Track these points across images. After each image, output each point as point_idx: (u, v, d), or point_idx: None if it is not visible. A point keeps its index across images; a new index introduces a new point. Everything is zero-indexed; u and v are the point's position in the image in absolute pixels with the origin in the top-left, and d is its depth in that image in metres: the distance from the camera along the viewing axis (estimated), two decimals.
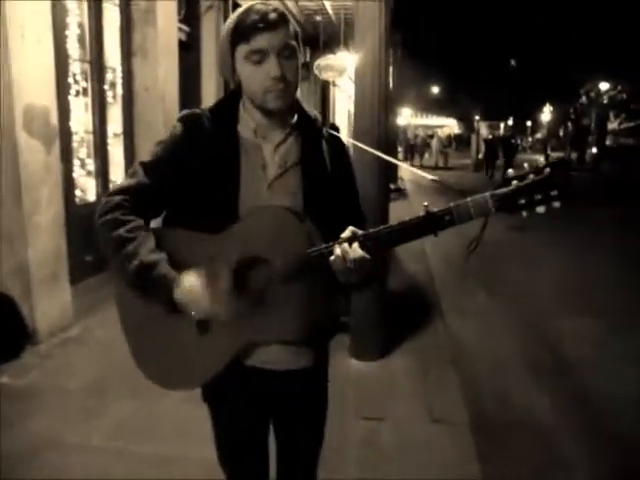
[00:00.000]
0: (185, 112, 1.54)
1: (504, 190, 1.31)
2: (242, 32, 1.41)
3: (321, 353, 1.64)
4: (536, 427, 3.42)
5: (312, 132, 1.59)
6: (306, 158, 1.54)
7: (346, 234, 1.38)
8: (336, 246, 1.37)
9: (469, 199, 1.32)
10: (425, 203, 1.36)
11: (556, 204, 1.30)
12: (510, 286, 6.60)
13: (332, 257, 1.37)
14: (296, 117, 1.56)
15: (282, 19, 1.42)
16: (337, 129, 9.56)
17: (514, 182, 1.30)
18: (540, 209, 1.30)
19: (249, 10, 1.42)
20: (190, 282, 1.37)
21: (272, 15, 1.40)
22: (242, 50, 1.42)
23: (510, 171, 1.34)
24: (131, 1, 6.01)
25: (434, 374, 3.96)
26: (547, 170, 1.29)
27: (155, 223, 1.54)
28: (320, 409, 1.71)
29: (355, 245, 1.35)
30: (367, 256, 1.35)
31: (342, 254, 1.35)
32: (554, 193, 1.29)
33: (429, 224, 1.35)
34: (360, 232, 1.38)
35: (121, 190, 1.46)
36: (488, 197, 1.31)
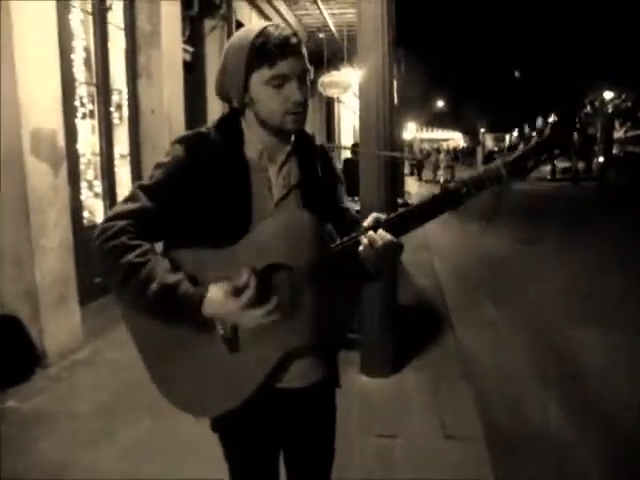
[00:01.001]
0: (186, 133, 1.51)
1: (513, 155, 1.37)
2: (264, 56, 1.40)
3: (332, 365, 1.62)
4: (552, 440, 3.37)
5: (309, 150, 1.59)
6: (305, 179, 1.55)
7: (369, 221, 1.39)
8: (361, 236, 1.38)
9: (482, 169, 1.38)
10: (441, 179, 1.37)
11: (566, 164, 1.38)
12: (520, 298, 6.55)
13: (361, 247, 1.37)
14: (294, 137, 1.56)
15: (300, 43, 1.44)
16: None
17: (520, 147, 1.40)
18: (545, 169, 1.38)
19: (267, 34, 1.41)
20: (218, 292, 1.33)
21: (293, 40, 1.41)
22: (263, 74, 1.41)
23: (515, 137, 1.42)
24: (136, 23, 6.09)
25: (446, 389, 3.91)
26: (547, 131, 1.36)
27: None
28: (330, 425, 1.69)
29: (381, 231, 1.36)
30: (394, 239, 1.37)
31: (370, 242, 1.36)
32: (557, 152, 1.37)
33: (448, 199, 1.37)
34: (382, 217, 1.39)
35: (123, 214, 1.39)
36: (500, 164, 1.35)
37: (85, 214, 5.41)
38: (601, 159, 30.24)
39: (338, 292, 1.44)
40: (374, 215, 1.40)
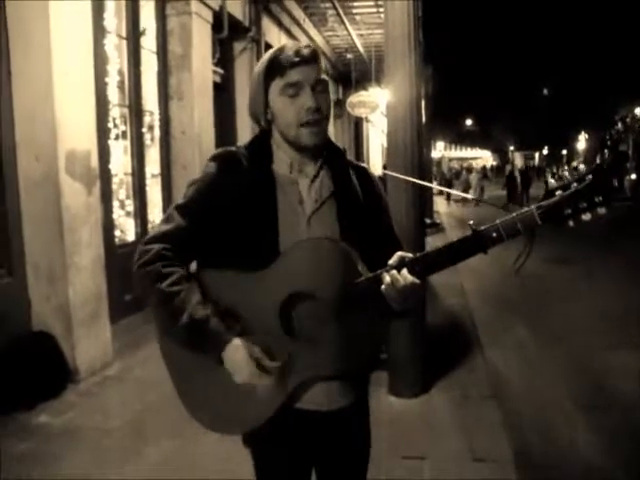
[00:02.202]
0: (218, 151, 1.55)
1: (549, 201, 1.31)
2: (277, 67, 1.45)
3: (362, 389, 1.61)
4: (583, 465, 3.29)
5: (341, 164, 1.60)
6: (339, 190, 1.55)
7: (394, 260, 1.39)
8: (385, 274, 1.38)
9: (514, 214, 1.33)
10: (471, 221, 1.35)
11: (601, 210, 1.30)
12: (551, 319, 6.44)
13: (383, 286, 1.37)
14: (325, 151, 1.57)
15: (314, 54, 1.48)
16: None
17: (558, 192, 1.32)
18: (586, 217, 1.30)
19: (283, 48, 1.48)
20: (238, 356, 1.38)
21: (305, 50, 1.46)
22: (277, 84, 1.46)
23: (552, 181, 1.37)
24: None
25: (475, 410, 3.86)
26: (589, 177, 1.30)
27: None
28: (364, 448, 1.68)
29: (404, 271, 1.36)
30: (417, 281, 1.36)
31: (392, 281, 1.36)
32: (598, 199, 1.29)
33: (477, 242, 1.34)
34: (408, 256, 1.38)
35: (159, 237, 1.44)
36: (534, 209, 1.31)
37: (117, 233, 5.52)
38: (633, 176, 29.72)
39: (363, 323, 1.45)
40: (400, 254, 1.39)
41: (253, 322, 1.43)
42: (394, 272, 1.37)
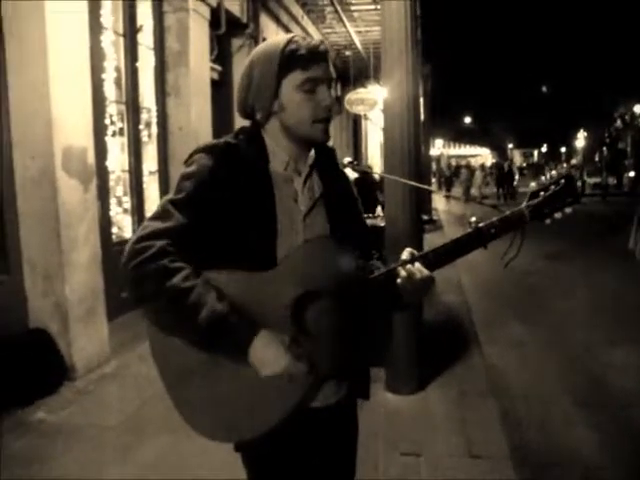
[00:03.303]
0: (212, 143, 1.50)
1: (536, 201, 1.50)
2: (298, 60, 1.41)
3: (359, 382, 1.60)
4: (581, 462, 3.29)
5: (331, 163, 1.61)
6: (328, 189, 1.56)
7: (405, 256, 1.46)
8: (400, 268, 1.44)
9: (508, 212, 1.50)
10: (473, 219, 1.50)
11: (569, 210, 1.50)
12: (548, 315, 6.44)
13: (399, 280, 1.43)
14: (314, 149, 1.57)
15: (328, 52, 1.48)
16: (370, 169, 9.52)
17: (541, 193, 1.50)
18: (558, 215, 1.49)
19: (297, 41, 1.43)
20: (271, 346, 1.33)
21: (323, 47, 1.45)
22: (296, 78, 1.42)
23: (532, 184, 1.49)
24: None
25: (472, 407, 3.86)
26: (563, 181, 1.51)
27: None
28: (353, 439, 1.67)
29: (418, 264, 1.43)
30: (431, 274, 1.45)
31: (409, 274, 1.42)
32: (569, 200, 1.49)
33: (478, 238, 1.48)
34: (416, 253, 1.47)
35: (160, 233, 1.34)
36: (524, 208, 1.48)
37: (114, 230, 5.51)
38: (632, 174, 29.74)
39: (374, 320, 1.52)
40: (409, 250, 1.47)
41: (261, 323, 1.36)
42: (410, 266, 1.43)
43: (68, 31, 4.26)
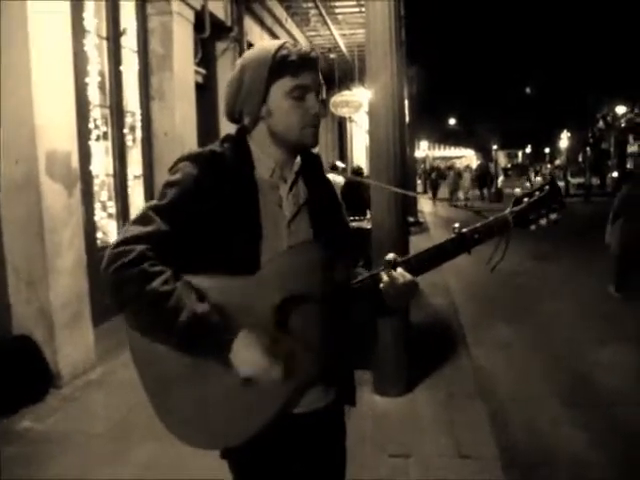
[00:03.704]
0: (196, 151, 1.48)
1: (520, 207, 1.49)
2: (288, 66, 1.41)
3: (345, 387, 1.60)
4: (569, 461, 3.31)
5: (316, 169, 1.61)
6: (313, 196, 1.56)
7: (388, 259, 1.45)
8: (382, 273, 1.43)
9: (492, 218, 1.48)
10: (456, 225, 1.47)
11: (553, 216, 1.48)
12: (535, 316, 6.48)
13: (381, 284, 1.42)
14: (299, 157, 1.56)
15: (319, 59, 1.49)
16: (361, 173, 9.52)
17: (525, 199, 1.49)
18: (543, 221, 1.48)
19: (289, 47, 1.43)
20: (251, 346, 1.31)
21: (313, 53, 1.46)
22: (285, 84, 1.43)
23: (517, 190, 1.50)
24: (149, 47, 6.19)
25: (460, 408, 3.87)
26: (547, 187, 1.50)
27: None
28: (341, 444, 1.66)
29: (401, 269, 1.43)
30: (414, 279, 1.43)
31: (391, 279, 1.42)
32: (555, 206, 1.48)
33: (462, 244, 1.46)
34: (399, 258, 1.45)
35: (140, 237, 1.33)
36: (508, 214, 1.47)
37: (99, 234, 5.46)
38: (615, 174, 30.05)
39: (356, 325, 1.49)
40: (392, 255, 1.46)
41: (244, 326, 1.35)
42: (392, 271, 1.42)
43: (51, 35, 4.22)
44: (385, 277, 1.42)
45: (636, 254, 6.93)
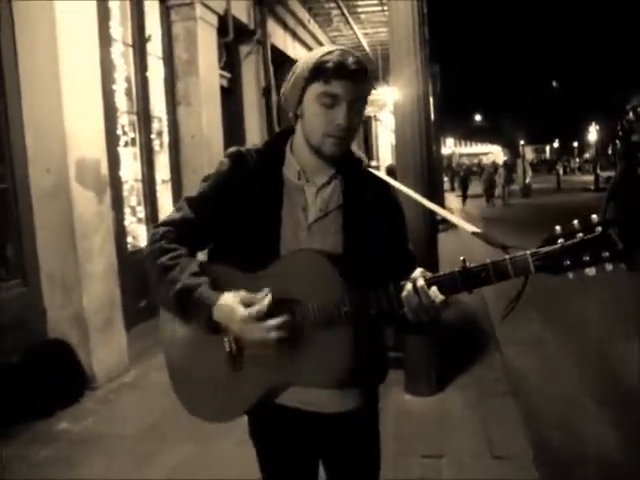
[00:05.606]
0: (233, 149, 1.56)
1: (547, 249, 1.20)
2: (321, 71, 1.41)
3: (369, 394, 1.59)
4: (604, 461, 3.25)
5: (357, 174, 1.56)
6: (349, 202, 1.51)
7: (417, 275, 1.33)
8: (408, 283, 1.32)
9: (507, 257, 1.24)
10: (462, 258, 1.27)
11: (609, 266, 1.17)
12: (566, 313, 6.38)
13: (404, 293, 1.31)
14: (342, 162, 1.53)
15: (364, 73, 1.44)
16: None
17: (560, 240, 1.20)
18: (590, 271, 1.17)
19: (333, 53, 1.43)
20: (230, 299, 1.36)
21: (353, 65, 1.41)
22: (316, 89, 1.43)
23: (557, 228, 1.21)
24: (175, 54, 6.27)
25: (493, 407, 3.83)
26: (599, 229, 1.17)
27: (202, 255, 1.56)
28: (373, 452, 1.66)
29: (434, 288, 1.29)
30: (444, 297, 1.29)
31: (420, 294, 1.29)
32: (605, 254, 1.16)
33: (464, 281, 1.27)
34: (428, 274, 1.34)
35: (166, 222, 1.50)
36: (528, 256, 1.21)
37: (129, 239, 5.55)
38: None
39: (360, 335, 1.40)
40: (420, 269, 1.35)
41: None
42: (424, 286, 1.29)
43: (79, 44, 4.31)
44: (409, 286, 1.31)
45: None
